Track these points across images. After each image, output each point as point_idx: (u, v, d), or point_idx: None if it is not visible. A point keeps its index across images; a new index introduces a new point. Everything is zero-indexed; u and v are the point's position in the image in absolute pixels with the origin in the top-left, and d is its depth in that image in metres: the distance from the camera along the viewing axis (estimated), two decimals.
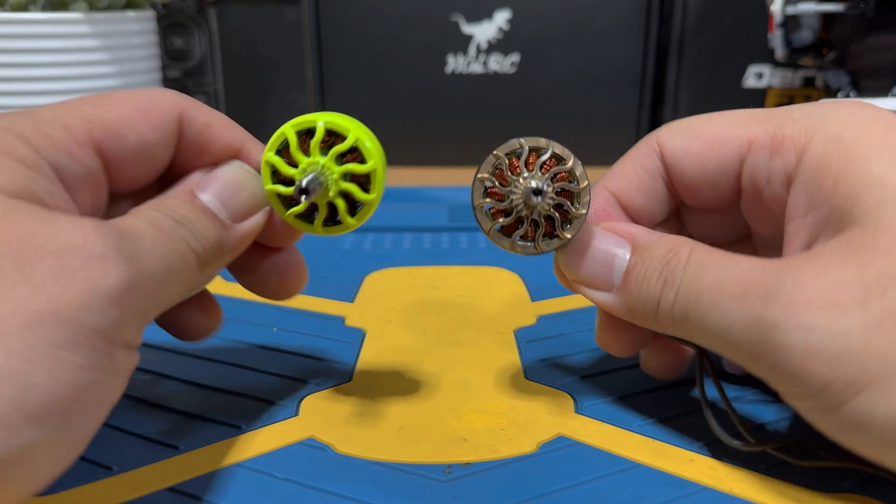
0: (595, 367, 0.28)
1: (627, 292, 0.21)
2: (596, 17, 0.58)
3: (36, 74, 0.42)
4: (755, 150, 0.21)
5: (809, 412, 0.19)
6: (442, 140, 0.61)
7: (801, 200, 0.20)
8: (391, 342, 0.30)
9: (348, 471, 0.22)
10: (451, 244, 0.42)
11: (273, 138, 0.21)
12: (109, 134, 0.20)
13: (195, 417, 0.24)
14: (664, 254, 0.21)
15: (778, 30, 0.49)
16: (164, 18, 0.55)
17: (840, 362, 0.17)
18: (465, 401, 0.25)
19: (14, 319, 0.15)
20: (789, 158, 0.21)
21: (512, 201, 0.21)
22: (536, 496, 0.20)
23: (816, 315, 0.17)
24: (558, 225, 0.22)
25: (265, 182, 0.22)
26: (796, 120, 0.21)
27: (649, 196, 0.24)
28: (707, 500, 0.20)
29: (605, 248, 0.22)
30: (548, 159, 0.22)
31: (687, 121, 0.23)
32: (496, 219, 0.22)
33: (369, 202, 0.22)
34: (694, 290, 0.20)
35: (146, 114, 0.21)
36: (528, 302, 0.34)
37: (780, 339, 0.18)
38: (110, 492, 0.21)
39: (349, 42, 0.58)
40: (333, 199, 0.21)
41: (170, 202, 0.20)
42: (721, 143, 0.22)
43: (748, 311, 0.18)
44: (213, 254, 0.20)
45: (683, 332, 0.20)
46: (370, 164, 0.21)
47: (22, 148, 0.18)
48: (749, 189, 0.22)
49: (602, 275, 0.22)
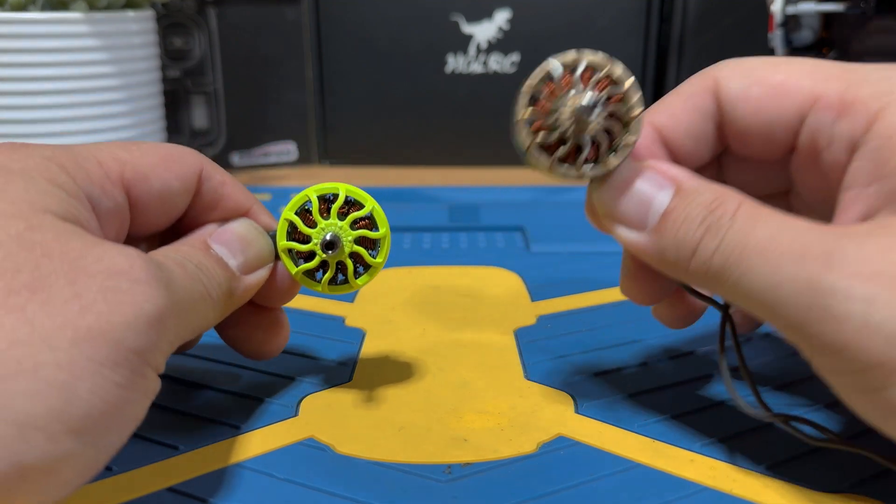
0: (595, 367, 0.28)
1: (662, 234, 0.20)
2: (596, 17, 0.58)
3: (36, 74, 0.42)
4: (821, 108, 0.20)
5: (848, 390, 0.18)
6: (442, 140, 0.61)
7: (865, 169, 0.19)
8: (391, 342, 0.30)
9: (348, 471, 0.22)
10: (451, 244, 0.42)
11: (294, 199, 0.23)
12: (138, 176, 0.22)
13: (195, 417, 0.24)
14: (710, 201, 0.19)
15: (778, 30, 0.49)
16: (163, 18, 0.55)
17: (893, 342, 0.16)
18: (465, 401, 0.25)
19: (64, 334, 0.16)
20: (858, 123, 0.19)
21: (559, 117, 0.20)
22: (536, 496, 0.20)
23: (882, 288, 0.16)
24: (604, 150, 0.20)
25: (280, 238, 0.24)
26: (872, 83, 0.19)
27: (696, 138, 0.22)
28: (707, 500, 0.20)
29: (646, 186, 0.20)
30: (603, 77, 0.20)
31: (749, 61, 0.22)
32: (537, 135, 0.20)
33: (376, 265, 0.24)
34: (741, 242, 0.18)
35: (170, 164, 0.22)
36: (528, 302, 0.34)
37: (838, 308, 0.17)
38: (110, 492, 0.21)
39: (349, 42, 0.58)
40: (344, 259, 0.24)
41: (187, 249, 0.22)
42: (785, 93, 0.21)
43: (804, 273, 0.17)
44: (224, 300, 0.22)
45: (715, 286, 0.19)
46: (382, 232, 0.24)
47: (63, 177, 0.19)
48: (806, 147, 0.21)
49: (637, 212, 0.20)
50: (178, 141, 0.57)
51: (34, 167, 0.19)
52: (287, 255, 0.24)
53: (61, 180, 0.19)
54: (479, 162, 0.61)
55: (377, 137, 0.60)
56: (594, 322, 0.32)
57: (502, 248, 0.42)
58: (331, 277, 0.24)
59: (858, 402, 0.18)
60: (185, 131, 0.58)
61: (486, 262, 0.39)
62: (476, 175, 0.59)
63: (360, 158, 0.60)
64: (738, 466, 0.22)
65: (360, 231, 0.23)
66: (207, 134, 0.58)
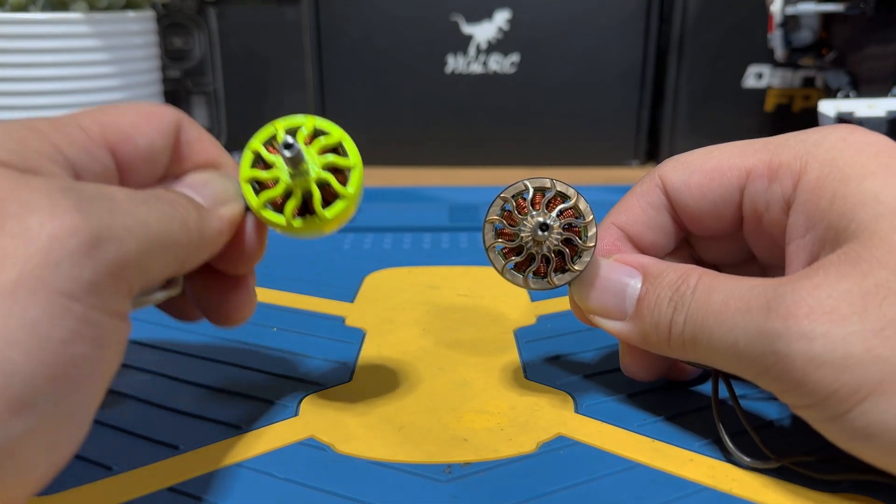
0: (595, 367, 0.28)
1: (641, 319, 0.22)
2: (596, 17, 0.58)
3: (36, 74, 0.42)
4: (753, 179, 0.22)
5: (817, 422, 0.19)
6: (442, 140, 0.61)
7: (799, 222, 0.21)
8: (391, 342, 0.30)
9: (348, 471, 0.22)
10: (451, 244, 0.42)
11: (260, 131, 0.22)
12: (121, 136, 0.21)
13: (195, 417, 0.24)
14: (674, 280, 0.22)
15: (778, 30, 0.49)
16: (164, 18, 0.55)
17: (843, 369, 0.17)
18: (465, 401, 0.25)
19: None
20: (786, 184, 0.21)
21: (522, 239, 0.22)
22: (536, 496, 0.20)
23: (816, 323, 0.18)
24: (568, 259, 0.23)
25: (243, 168, 0.22)
26: (791, 147, 0.22)
27: (656, 229, 0.25)
28: (707, 500, 0.20)
29: (616, 277, 0.23)
30: (553, 197, 0.22)
31: (686, 156, 0.24)
32: (508, 258, 0.23)
33: (346, 195, 0.21)
34: (701, 310, 0.20)
35: (151, 120, 0.21)
36: (528, 302, 0.34)
37: (784, 349, 0.18)
38: (110, 492, 0.21)
39: (349, 42, 0.58)
40: (310, 187, 0.21)
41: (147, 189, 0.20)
42: (720, 175, 0.23)
43: (751, 324, 0.19)
44: (196, 229, 0.20)
45: (695, 354, 0.21)
46: (353, 159, 0.22)
47: (41, 142, 0.18)
48: (750, 216, 0.23)
49: (615, 304, 0.23)
50: None
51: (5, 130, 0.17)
52: (249, 185, 0.21)
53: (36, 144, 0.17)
54: (479, 162, 0.61)
55: (377, 137, 0.60)
56: None
57: None
58: (297, 207, 0.21)
59: (829, 431, 0.19)
60: None
61: (486, 263, 0.39)
62: (476, 175, 0.59)
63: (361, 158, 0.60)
64: (738, 466, 0.22)
65: (329, 156, 0.21)
66: None
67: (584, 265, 0.23)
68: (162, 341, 0.30)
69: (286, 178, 0.21)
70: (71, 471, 0.21)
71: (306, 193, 0.21)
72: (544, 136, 0.60)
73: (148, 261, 0.17)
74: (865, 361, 0.17)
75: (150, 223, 0.18)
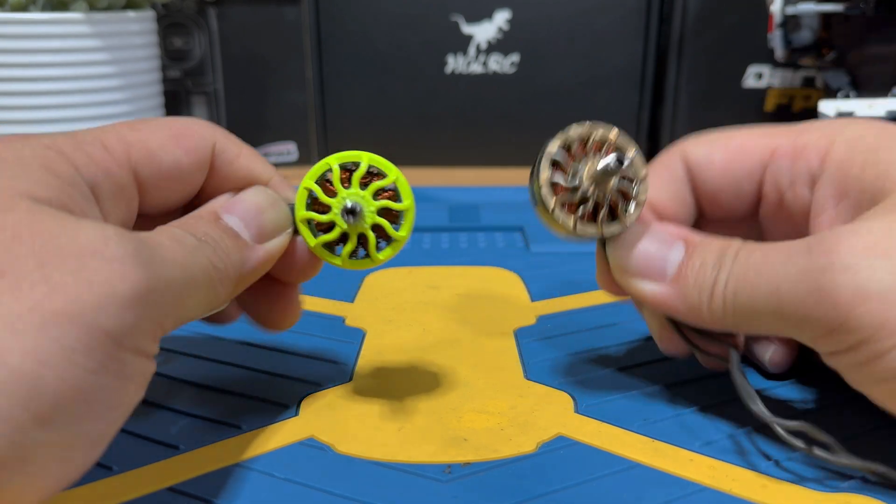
0: (595, 367, 0.28)
1: (683, 281, 0.22)
2: (596, 17, 0.58)
3: (36, 74, 0.42)
4: (778, 157, 0.23)
5: (853, 367, 0.19)
6: (442, 140, 0.61)
7: (829, 194, 0.21)
8: (391, 342, 0.30)
9: (348, 471, 0.22)
10: (451, 244, 0.42)
11: (315, 167, 0.22)
12: (146, 156, 0.21)
13: (196, 417, 0.24)
14: (719, 247, 0.21)
15: (778, 30, 0.49)
16: (164, 18, 0.55)
17: (889, 302, 0.17)
18: (465, 401, 0.25)
19: (31, 318, 0.15)
20: (813, 161, 0.22)
21: (579, 180, 0.22)
22: (536, 496, 0.20)
23: (860, 257, 0.18)
24: (621, 209, 0.22)
25: (299, 208, 0.22)
26: (816, 129, 0.22)
27: (678, 202, 0.25)
28: (707, 500, 0.20)
29: (660, 239, 0.23)
30: (613, 145, 0.22)
31: (709, 133, 0.24)
32: (560, 197, 0.22)
33: (399, 238, 0.23)
34: (743, 267, 0.20)
35: (180, 139, 0.22)
36: (528, 302, 0.34)
37: (829, 283, 0.18)
38: (110, 492, 0.21)
39: (349, 42, 0.58)
40: (365, 231, 0.22)
41: (192, 221, 0.21)
42: (744, 152, 0.23)
43: (794, 266, 0.19)
44: (235, 272, 0.21)
45: (734, 315, 0.21)
46: (406, 203, 0.22)
47: (61, 163, 0.18)
48: (771, 194, 0.23)
49: (655, 265, 0.22)
50: None
51: (30, 155, 0.18)
52: (306, 225, 0.23)
53: (57, 166, 0.18)
54: (479, 162, 0.61)
55: (377, 138, 0.60)
56: (594, 322, 0.32)
57: (502, 248, 0.42)
58: (351, 250, 0.23)
59: (864, 375, 0.19)
60: None
61: (486, 262, 0.39)
62: (476, 175, 0.59)
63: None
64: (738, 466, 0.22)
65: (383, 202, 0.22)
66: None
67: (636, 216, 0.22)
68: (162, 341, 0.29)
69: (341, 224, 0.22)
70: None
71: (360, 235, 0.22)
72: (544, 136, 0.60)
73: (186, 307, 0.19)
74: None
75: (195, 273, 0.19)
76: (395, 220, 0.23)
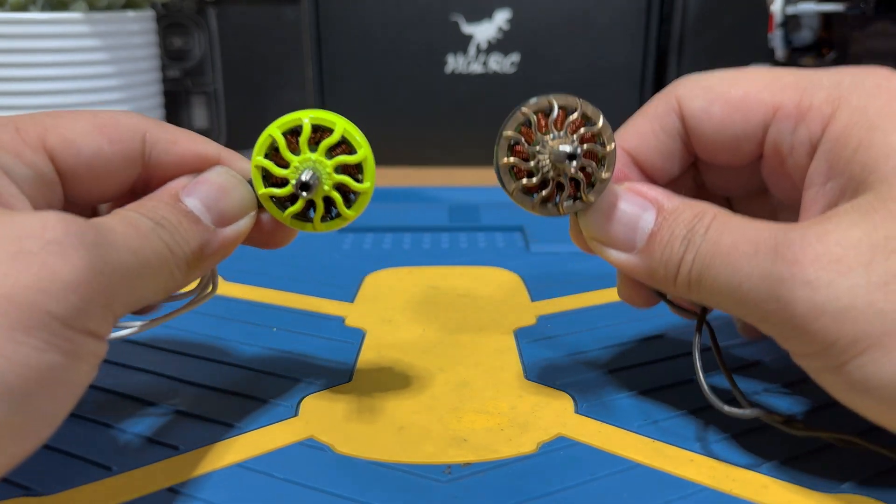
0: (595, 367, 0.28)
1: (650, 254, 0.21)
2: (596, 17, 0.58)
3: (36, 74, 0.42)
4: (780, 118, 0.21)
5: (817, 372, 0.19)
6: (442, 140, 0.61)
7: (821, 169, 0.20)
8: (391, 342, 0.30)
9: (348, 471, 0.22)
10: (451, 244, 0.42)
11: (259, 142, 0.22)
12: (63, 142, 0.20)
13: (195, 417, 0.24)
14: (689, 218, 0.21)
15: (778, 30, 0.49)
16: (163, 18, 0.55)
17: (844, 320, 0.17)
18: (465, 401, 0.25)
19: None
20: (815, 128, 0.20)
21: (538, 161, 0.21)
22: (536, 496, 0.20)
23: (821, 271, 0.18)
24: (583, 188, 0.21)
25: (257, 187, 0.22)
26: (825, 88, 0.21)
27: (666, 155, 0.23)
28: (707, 500, 0.20)
29: (629, 209, 0.22)
30: (576, 118, 0.21)
31: (707, 78, 0.23)
32: (519, 178, 0.21)
33: (364, 191, 0.22)
34: (711, 250, 0.20)
35: (103, 129, 0.21)
36: (528, 302, 0.34)
37: (787, 295, 0.18)
38: (110, 492, 0.21)
39: (349, 42, 0.58)
40: (329, 192, 0.22)
41: (151, 204, 0.20)
42: (745, 108, 0.22)
43: (757, 268, 0.19)
44: (195, 256, 0.21)
45: (698, 294, 0.20)
46: (361, 154, 0.22)
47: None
48: (771, 155, 0.22)
49: (625, 235, 0.22)
50: None
51: None
52: (270, 202, 0.22)
53: None
54: (479, 162, 0.61)
55: (377, 138, 0.60)
56: (594, 322, 0.32)
57: (502, 248, 0.42)
58: (322, 214, 0.22)
59: (827, 382, 0.19)
60: None
61: (486, 262, 0.39)
62: (476, 175, 0.59)
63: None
64: (738, 466, 0.22)
65: (338, 158, 0.21)
66: (207, 134, 0.58)
67: (598, 196, 0.21)
68: (162, 341, 0.30)
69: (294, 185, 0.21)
70: (71, 471, 0.21)
71: (326, 197, 0.22)
72: None
73: (139, 290, 0.19)
74: (867, 314, 0.17)
75: (148, 257, 0.19)
76: (355, 172, 0.22)
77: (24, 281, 0.15)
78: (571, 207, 0.22)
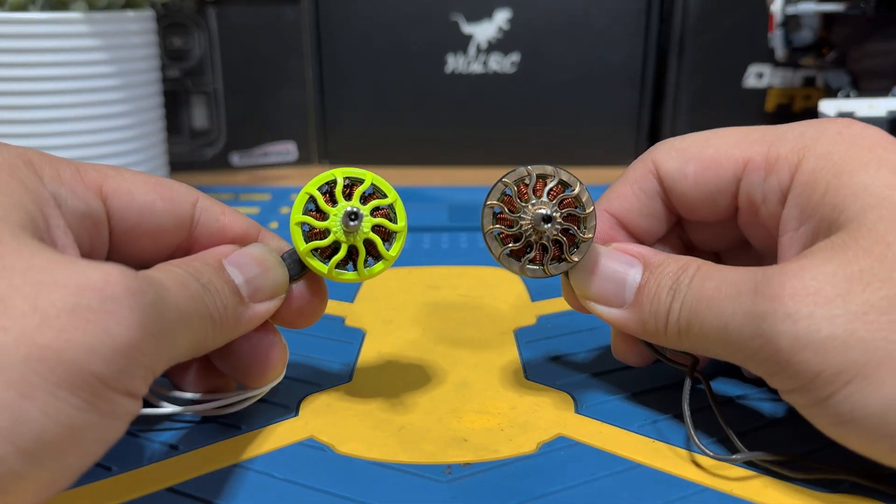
0: (595, 367, 0.28)
1: (640, 307, 0.22)
2: (596, 17, 0.58)
3: (36, 74, 0.42)
4: (751, 171, 0.22)
5: (804, 407, 0.19)
6: (442, 140, 0.61)
7: (793, 215, 0.21)
8: (391, 342, 0.30)
9: (348, 471, 0.22)
10: (451, 244, 0.42)
11: (297, 202, 0.23)
12: (118, 188, 0.21)
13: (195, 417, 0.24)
14: (675, 270, 0.22)
15: (778, 30, 0.49)
16: (163, 18, 0.55)
17: (826, 351, 0.18)
18: (465, 401, 0.25)
19: (17, 350, 0.15)
20: (784, 176, 0.21)
21: (521, 227, 0.22)
22: (536, 496, 0.20)
23: (801, 304, 0.18)
24: (566, 249, 0.23)
25: (298, 244, 0.23)
26: (789, 140, 0.22)
27: (649, 216, 0.25)
28: (707, 500, 0.20)
29: (616, 266, 0.23)
30: (555, 186, 0.22)
31: (681, 141, 0.24)
32: (505, 243, 0.23)
33: (400, 230, 0.23)
34: (696, 297, 0.21)
35: (158, 187, 0.22)
36: (528, 302, 0.34)
37: (769, 330, 0.18)
38: (110, 492, 0.21)
39: (349, 42, 0.58)
40: (368, 234, 0.23)
41: (198, 265, 0.21)
42: (717, 165, 0.23)
43: (740, 307, 0.19)
44: (228, 325, 0.21)
45: (689, 342, 0.21)
46: (400, 224, 0.23)
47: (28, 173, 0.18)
48: (746, 207, 0.23)
49: (614, 292, 0.23)
50: (178, 140, 0.57)
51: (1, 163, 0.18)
52: (313, 256, 0.23)
53: (24, 176, 0.18)
54: (479, 162, 0.61)
55: (377, 137, 0.60)
56: (594, 322, 0.32)
57: None
58: (340, 260, 0.23)
59: (815, 417, 0.19)
60: (185, 131, 0.58)
61: (486, 262, 0.39)
62: (476, 175, 0.59)
63: (360, 158, 0.60)
64: (737, 466, 0.22)
65: (380, 219, 0.23)
66: (207, 134, 0.58)
67: (582, 256, 0.23)
68: None
69: (337, 232, 0.22)
70: None
71: (351, 248, 0.23)
72: (544, 136, 0.60)
73: (179, 351, 0.19)
74: (849, 343, 0.17)
75: (192, 321, 0.19)
76: (386, 238, 0.23)
77: (77, 338, 0.15)
78: (557, 268, 0.23)
